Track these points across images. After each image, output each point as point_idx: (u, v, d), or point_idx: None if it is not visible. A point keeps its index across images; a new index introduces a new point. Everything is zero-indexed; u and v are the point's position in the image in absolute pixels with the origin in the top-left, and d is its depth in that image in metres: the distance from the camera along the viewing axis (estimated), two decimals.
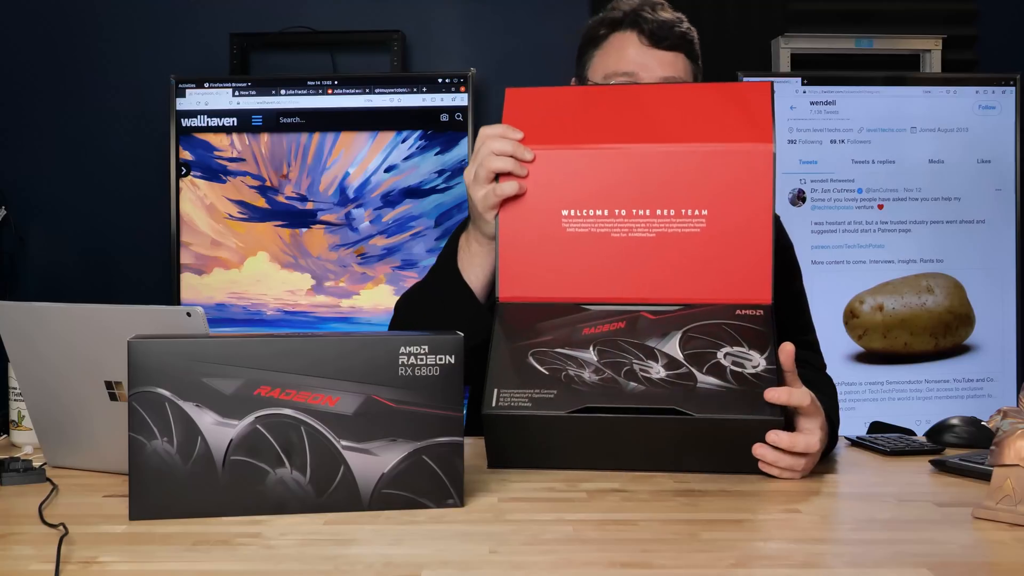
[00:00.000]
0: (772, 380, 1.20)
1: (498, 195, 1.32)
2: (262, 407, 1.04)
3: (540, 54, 3.36)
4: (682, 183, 1.30)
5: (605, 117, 1.34)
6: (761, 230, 1.29)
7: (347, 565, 0.90)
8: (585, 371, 1.24)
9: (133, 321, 1.13)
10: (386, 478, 1.06)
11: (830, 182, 3.13)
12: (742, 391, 1.20)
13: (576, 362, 1.25)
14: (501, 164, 1.32)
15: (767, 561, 0.92)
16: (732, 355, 1.23)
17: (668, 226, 1.30)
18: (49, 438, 1.29)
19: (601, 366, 1.24)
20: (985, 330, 3.18)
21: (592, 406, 1.21)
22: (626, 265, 1.30)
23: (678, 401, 1.20)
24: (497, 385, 1.24)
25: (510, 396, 1.23)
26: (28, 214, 3.40)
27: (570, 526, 1.02)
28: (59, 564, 0.89)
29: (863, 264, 3.15)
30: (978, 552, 0.96)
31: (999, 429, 1.06)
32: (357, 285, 3.14)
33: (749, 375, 1.21)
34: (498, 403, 1.22)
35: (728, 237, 1.29)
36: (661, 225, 1.30)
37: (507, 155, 1.32)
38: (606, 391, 1.22)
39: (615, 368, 1.24)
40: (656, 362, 1.24)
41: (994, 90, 3.16)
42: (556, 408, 1.21)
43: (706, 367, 1.23)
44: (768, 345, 1.23)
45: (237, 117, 3.14)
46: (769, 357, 1.22)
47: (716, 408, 1.19)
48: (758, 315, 1.27)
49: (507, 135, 1.34)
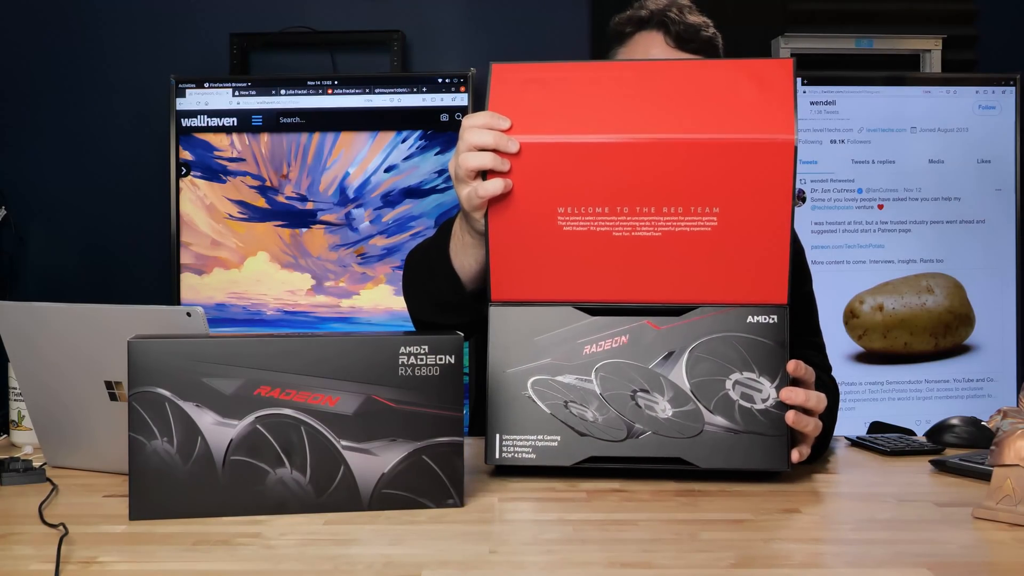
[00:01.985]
0: (780, 416, 1.19)
1: (481, 195, 1.21)
2: (262, 407, 1.04)
3: (540, 54, 3.36)
4: (692, 178, 1.18)
5: (607, 100, 1.21)
6: (778, 229, 1.20)
7: (347, 565, 0.90)
8: (588, 410, 1.21)
9: (133, 321, 1.13)
10: (386, 478, 1.06)
11: (830, 182, 3.13)
12: (749, 437, 1.19)
13: (579, 395, 1.22)
14: (479, 161, 1.21)
15: (767, 561, 0.92)
16: (741, 384, 1.20)
17: (676, 225, 1.20)
18: (49, 438, 1.29)
19: (605, 400, 1.21)
20: (985, 330, 3.18)
21: (597, 456, 1.20)
22: (629, 265, 1.21)
23: (684, 450, 1.19)
24: (499, 431, 1.22)
25: (513, 445, 1.21)
26: (28, 214, 3.40)
27: (570, 526, 1.02)
28: (59, 564, 0.89)
29: (863, 264, 3.15)
30: (978, 552, 0.96)
31: (999, 429, 1.06)
32: (357, 285, 3.14)
33: (758, 412, 1.19)
34: (502, 454, 1.21)
35: (742, 236, 1.20)
36: (668, 224, 1.20)
37: (489, 149, 1.20)
38: (610, 432, 1.20)
39: (619, 403, 1.21)
40: (662, 396, 1.21)
41: (994, 90, 3.16)
42: (560, 459, 1.20)
43: (714, 402, 1.20)
44: (780, 369, 1.20)
45: (237, 117, 3.14)
46: (780, 383, 1.20)
47: (723, 459, 1.19)
48: (771, 323, 1.21)
49: (491, 125, 1.22)
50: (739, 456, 1.18)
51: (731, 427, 1.19)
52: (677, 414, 1.20)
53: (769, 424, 1.19)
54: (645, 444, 1.20)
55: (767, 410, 1.19)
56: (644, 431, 1.20)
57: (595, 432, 1.21)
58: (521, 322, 1.24)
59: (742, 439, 1.19)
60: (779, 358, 1.20)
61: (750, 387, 1.20)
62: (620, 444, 1.20)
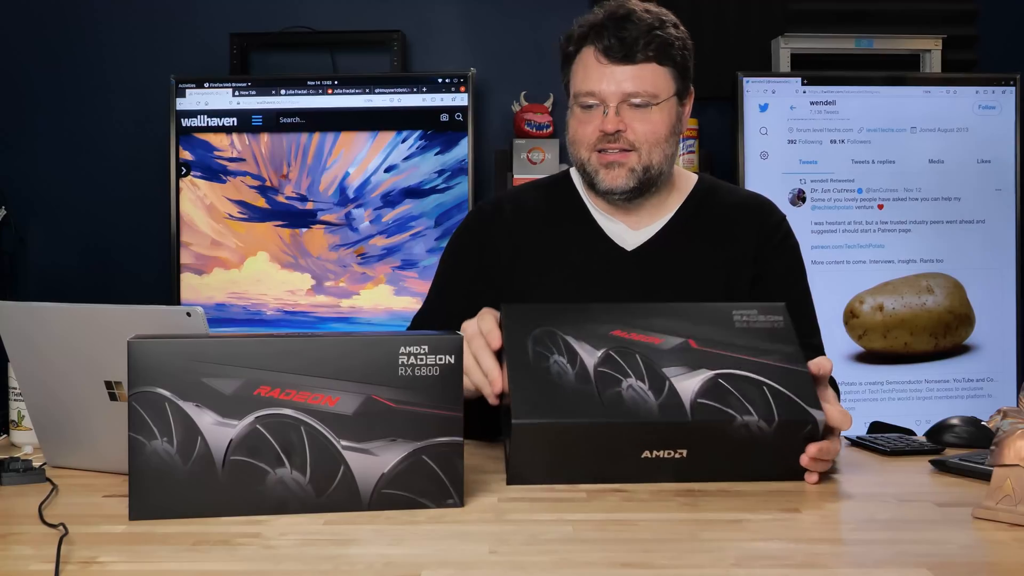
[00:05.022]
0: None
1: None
2: (262, 407, 1.04)
3: (540, 54, 3.36)
4: None
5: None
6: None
7: (347, 565, 0.90)
8: (568, 370, 1.20)
9: (133, 321, 1.13)
10: (386, 478, 1.06)
11: (830, 182, 3.13)
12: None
13: (569, 355, 1.21)
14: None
15: (767, 561, 0.92)
16: (746, 426, 1.18)
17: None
18: (49, 438, 1.29)
19: (592, 371, 1.20)
20: (985, 330, 3.18)
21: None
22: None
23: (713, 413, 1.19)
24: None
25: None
26: (28, 214, 3.40)
27: (570, 526, 1.02)
28: (59, 564, 0.89)
29: (863, 264, 3.15)
30: (978, 552, 0.96)
31: (999, 429, 1.06)
32: (357, 285, 3.14)
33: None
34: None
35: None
36: None
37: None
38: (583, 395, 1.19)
39: (604, 382, 1.20)
40: (653, 395, 1.19)
41: (994, 90, 3.16)
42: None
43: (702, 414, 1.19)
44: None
45: (237, 117, 3.14)
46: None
47: (761, 411, 1.18)
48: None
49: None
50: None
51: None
52: (661, 409, 1.18)
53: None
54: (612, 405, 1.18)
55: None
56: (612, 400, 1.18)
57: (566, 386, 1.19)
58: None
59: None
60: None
61: (751, 428, 1.18)
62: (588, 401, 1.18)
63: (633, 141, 1.50)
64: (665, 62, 1.50)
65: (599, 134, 1.50)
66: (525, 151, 3.16)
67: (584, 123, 1.52)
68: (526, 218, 1.60)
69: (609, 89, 1.49)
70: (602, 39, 1.49)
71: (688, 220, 1.59)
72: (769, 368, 1.22)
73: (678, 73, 1.53)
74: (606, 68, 1.49)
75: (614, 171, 1.51)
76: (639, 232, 1.58)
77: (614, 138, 1.50)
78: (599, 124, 1.50)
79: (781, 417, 1.18)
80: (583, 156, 1.54)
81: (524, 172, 3.10)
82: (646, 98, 1.49)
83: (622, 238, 1.58)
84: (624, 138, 1.50)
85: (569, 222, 1.60)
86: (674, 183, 1.61)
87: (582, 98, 1.51)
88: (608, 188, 1.53)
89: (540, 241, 1.58)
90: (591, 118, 1.51)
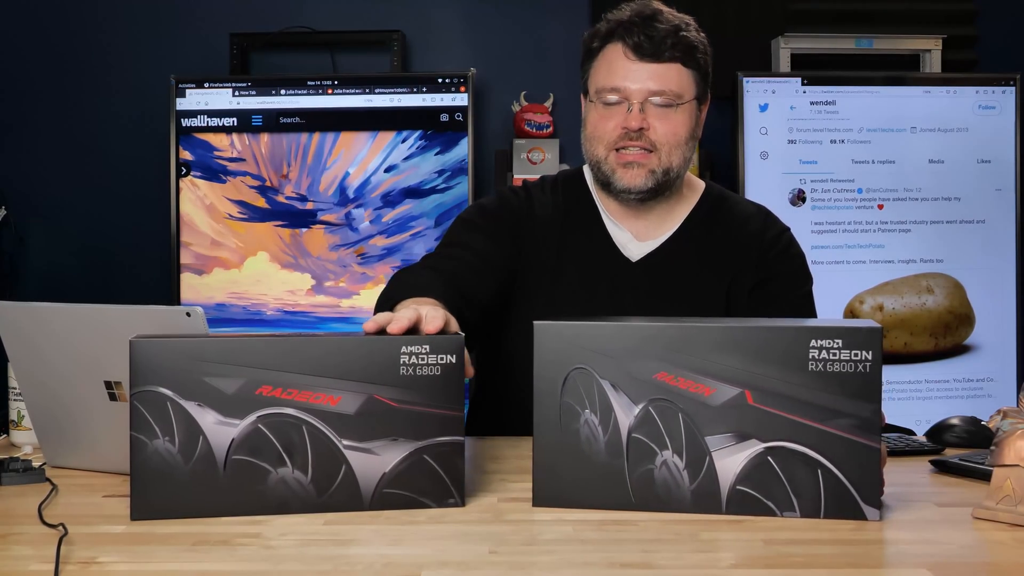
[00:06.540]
0: None
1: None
2: (264, 407, 1.04)
3: (540, 54, 3.36)
4: None
5: None
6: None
7: (347, 565, 0.90)
8: (600, 436, 1.08)
9: (133, 321, 1.13)
10: (387, 478, 1.06)
11: (830, 182, 3.13)
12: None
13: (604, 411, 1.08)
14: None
15: (767, 561, 0.92)
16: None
17: None
18: (49, 438, 1.29)
19: (624, 438, 1.08)
20: (985, 330, 3.18)
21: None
22: None
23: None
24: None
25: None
26: (28, 214, 3.39)
27: (570, 526, 1.02)
28: (59, 564, 0.89)
29: (863, 264, 3.15)
30: (978, 552, 0.96)
31: (999, 429, 1.06)
32: (357, 285, 3.14)
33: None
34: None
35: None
36: None
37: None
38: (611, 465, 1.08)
39: (638, 454, 1.07)
40: (687, 479, 1.07)
41: (994, 90, 3.16)
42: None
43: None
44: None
45: (237, 117, 3.14)
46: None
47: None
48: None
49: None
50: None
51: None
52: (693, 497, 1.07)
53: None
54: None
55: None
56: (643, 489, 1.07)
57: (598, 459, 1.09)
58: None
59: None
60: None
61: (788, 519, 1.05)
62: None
63: (654, 141, 1.50)
64: (689, 64, 1.51)
65: (621, 131, 1.50)
66: (525, 151, 3.16)
67: (605, 119, 1.51)
68: (545, 220, 1.59)
69: (634, 86, 1.49)
70: (632, 36, 1.49)
71: (693, 232, 1.59)
72: (834, 440, 1.03)
73: (700, 77, 1.53)
74: (632, 65, 1.49)
75: (633, 171, 1.51)
76: (644, 244, 1.58)
77: (636, 136, 1.49)
78: (621, 120, 1.50)
79: (828, 513, 1.04)
80: (600, 154, 1.53)
81: (524, 172, 3.10)
82: (670, 97, 1.49)
83: (627, 248, 1.58)
84: (646, 137, 1.49)
85: (580, 229, 1.59)
86: (683, 191, 1.61)
87: (605, 94, 1.51)
88: (625, 187, 1.52)
89: (552, 245, 1.57)
90: (613, 114, 1.51)
